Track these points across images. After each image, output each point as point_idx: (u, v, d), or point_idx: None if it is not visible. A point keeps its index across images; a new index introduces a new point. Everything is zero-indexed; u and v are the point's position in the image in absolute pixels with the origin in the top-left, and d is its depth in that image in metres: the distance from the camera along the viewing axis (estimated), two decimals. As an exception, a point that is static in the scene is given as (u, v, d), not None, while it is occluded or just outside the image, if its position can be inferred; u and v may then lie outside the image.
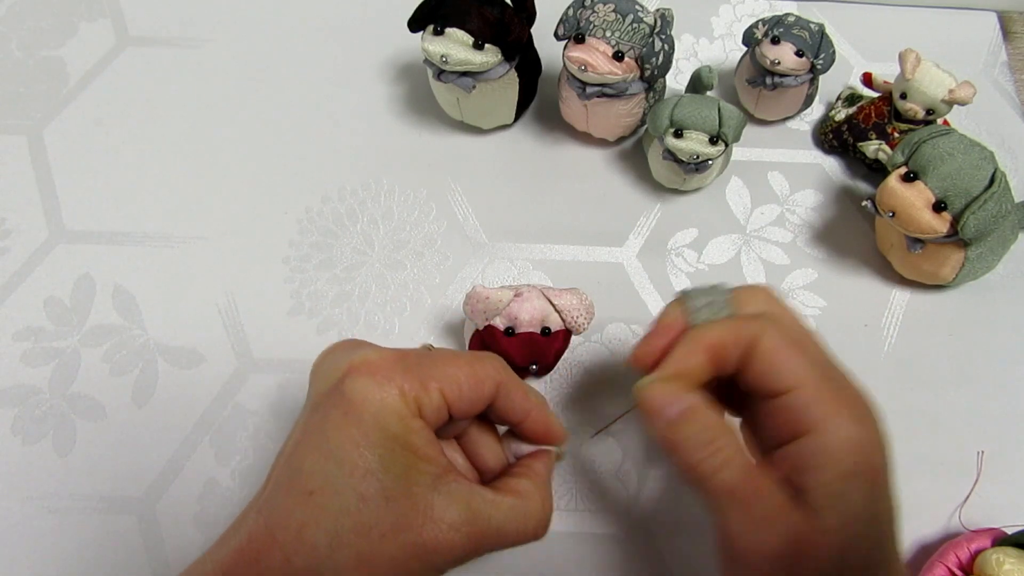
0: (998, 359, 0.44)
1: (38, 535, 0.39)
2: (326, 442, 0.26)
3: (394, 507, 0.25)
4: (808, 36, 0.45)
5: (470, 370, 0.28)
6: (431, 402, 0.27)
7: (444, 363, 0.28)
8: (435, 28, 0.43)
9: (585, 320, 0.39)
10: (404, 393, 0.26)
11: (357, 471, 0.25)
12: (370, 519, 0.25)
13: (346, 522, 0.25)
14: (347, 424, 0.26)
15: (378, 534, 0.25)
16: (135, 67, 0.54)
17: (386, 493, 0.25)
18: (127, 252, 0.47)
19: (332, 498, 0.25)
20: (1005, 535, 0.37)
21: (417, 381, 0.27)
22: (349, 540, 0.25)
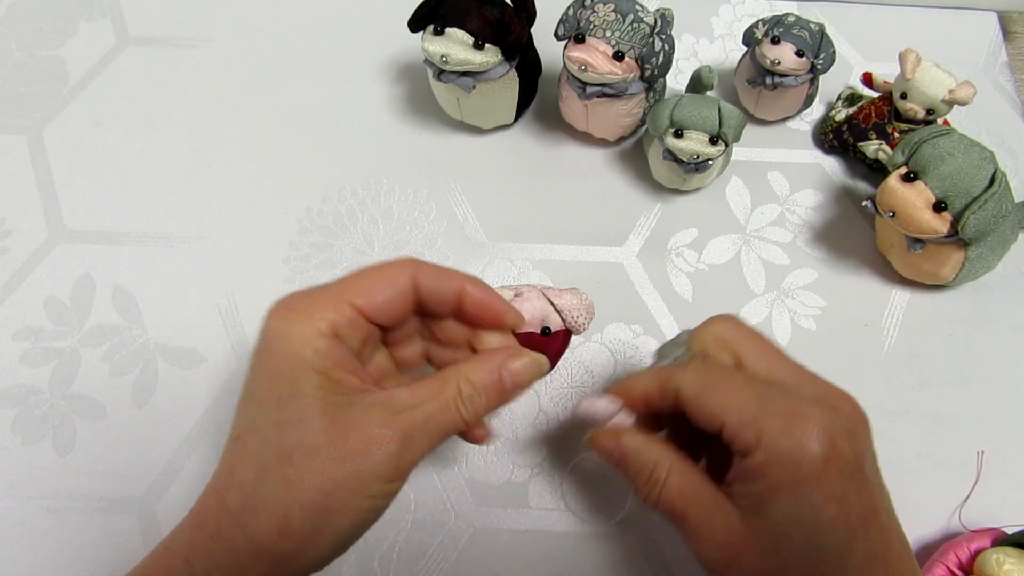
0: (998, 359, 0.44)
1: (38, 535, 0.39)
2: (248, 388, 0.27)
3: (311, 426, 0.26)
4: (808, 36, 0.45)
5: (378, 274, 0.29)
6: (343, 317, 0.28)
7: (353, 278, 0.29)
8: (435, 28, 0.43)
9: (585, 320, 0.39)
10: (312, 318, 0.27)
11: (272, 402, 0.26)
12: (290, 444, 0.26)
13: (268, 452, 0.26)
14: (264, 363, 0.27)
15: (300, 455, 0.26)
16: (135, 67, 0.54)
17: (302, 416, 0.26)
18: (127, 252, 0.47)
19: (254, 435, 0.27)
20: (1005, 535, 0.37)
21: (326, 303, 0.28)
22: (272, 467, 0.26)
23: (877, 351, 0.44)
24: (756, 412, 0.28)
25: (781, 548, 0.27)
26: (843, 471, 0.27)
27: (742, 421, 0.28)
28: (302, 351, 0.27)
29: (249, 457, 0.26)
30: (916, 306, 0.45)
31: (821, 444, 0.27)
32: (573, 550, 0.39)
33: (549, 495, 0.40)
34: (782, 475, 0.27)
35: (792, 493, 0.27)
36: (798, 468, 0.27)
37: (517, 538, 0.39)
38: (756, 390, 0.29)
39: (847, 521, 0.27)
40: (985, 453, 0.41)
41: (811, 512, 0.27)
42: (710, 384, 0.29)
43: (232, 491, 0.26)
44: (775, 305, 0.45)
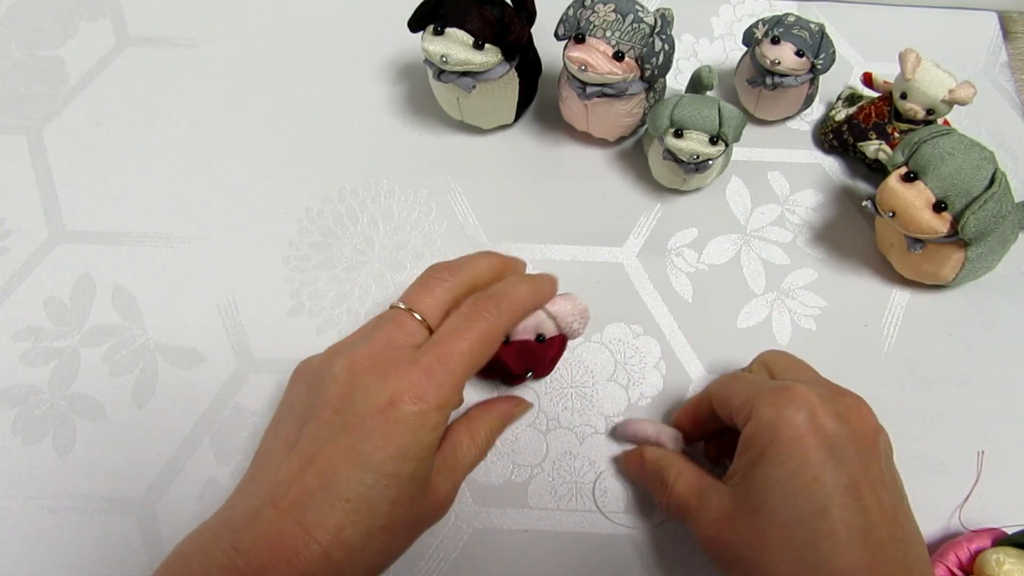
0: (998, 359, 0.44)
1: (38, 535, 0.39)
2: (366, 458, 0.29)
3: (416, 505, 0.31)
4: (808, 36, 0.45)
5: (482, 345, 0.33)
6: (459, 397, 0.33)
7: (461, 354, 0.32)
8: (435, 28, 0.43)
9: (580, 325, 0.39)
10: (441, 408, 0.31)
11: (392, 482, 0.30)
12: (397, 519, 0.30)
13: (377, 523, 0.29)
14: (390, 443, 0.30)
15: (402, 526, 0.31)
16: (135, 67, 0.54)
17: (411, 496, 0.31)
18: (127, 252, 0.47)
19: (366, 504, 0.29)
20: (1005, 535, 0.37)
21: (450, 391, 0.31)
22: (379, 535, 0.30)
23: (877, 351, 0.44)
24: (753, 393, 0.32)
25: (760, 512, 0.29)
26: (823, 443, 0.29)
27: (742, 401, 0.32)
28: (430, 441, 0.31)
29: (360, 524, 0.29)
30: (916, 306, 0.45)
31: (802, 414, 0.30)
32: (573, 550, 0.39)
33: (549, 495, 0.40)
34: (765, 439, 0.30)
35: (772, 457, 0.29)
36: (779, 433, 0.29)
37: (517, 538, 0.39)
38: (760, 380, 0.34)
39: (821, 489, 0.28)
40: (985, 453, 0.41)
41: (786, 475, 0.29)
42: (728, 383, 0.34)
43: (338, 549, 0.29)
44: (775, 305, 0.45)
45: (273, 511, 0.29)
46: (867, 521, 0.28)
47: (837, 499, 0.28)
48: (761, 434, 0.30)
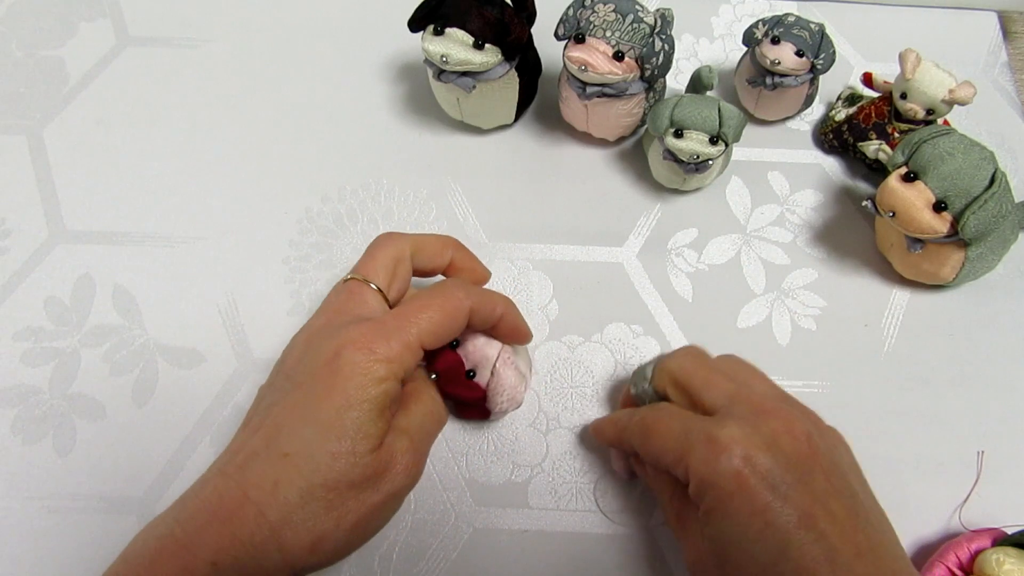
0: (998, 359, 0.44)
1: (38, 535, 0.39)
2: (309, 410, 0.29)
3: (361, 460, 0.29)
4: (808, 36, 0.45)
5: (444, 310, 0.32)
6: (413, 357, 0.31)
7: (422, 311, 0.32)
8: (435, 28, 0.43)
9: (506, 401, 0.37)
10: (391, 364, 0.30)
11: (332, 433, 0.28)
12: (339, 474, 0.28)
13: (317, 478, 0.28)
14: (333, 394, 0.29)
15: (346, 484, 0.29)
16: (135, 67, 0.54)
17: (355, 450, 0.29)
18: (127, 252, 0.47)
19: (306, 459, 0.28)
20: (1005, 535, 0.37)
21: (400, 345, 0.30)
22: (319, 493, 0.28)
23: (877, 351, 0.44)
24: (682, 448, 0.31)
25: (726, 562, 0.29)
26: (764, 484, 0.28)
27: (674, 459, 0.31)
28: (376, 393, 0.29)
29: (298, 478, 0.28)
30: (916, 306, 0.45)
31: (734, 462, 0.29)
32: (573, 550, 0.39)
33: (549, 495, 0.40)
34: (711, 498, 0.29)
35: (721, 512, 0.29)
36: (720, 489, 0.29)
37: (517, 538, 0.39)
38: (682, 426, 0.32)
39: (775, 533, 0.28)
40: (985, 453, 0.41)
41: (739, 528, 0.28)
42: (647, 433, 0.33)
43: (274, 507, 0.28)
44: (775, 305, 0.45)
45: (218, 478, 0.29)
46: (828, 546, 0.27)
47: (793, 537, 0.27)
48: (706, 492, 0.29)
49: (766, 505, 0.28)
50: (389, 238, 0.36)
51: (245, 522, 0.27)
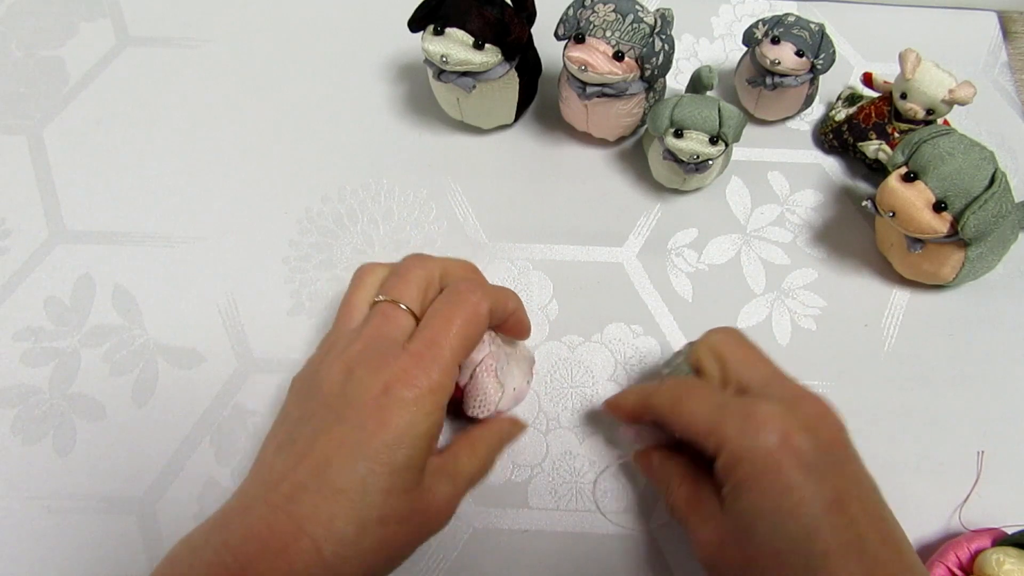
0: (998, 359, 0.44)
1: (38, 535, 0.39)
2: (361, 447, 0.29)
3: (410, 497, 0.30)
4: (808, 36, 0.45)
5: (469, 327, 0.33)
6: (452, 380, 0.32)
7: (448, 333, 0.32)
8: (435, 28, 0.43)
9: (477, 409, 0.36)
10: (434, 392, 0.30)
11: (385, 469, 0.29)
12: (391, 510, 0.29)
13: (371, 514, 0.29)
14: (384, 431, 0.29)
15: (395, 522, 0.29)
16: (135, 67, 0.54)
17: (406, 487, 0.30)
18: (127, 252, 0.47)
19: (360, 495, 0.29)
20: (1005, 535, 0.37)
21: (440, 373, 0.31)
22: (373, 529, 0.29)
23: (877, 351, 0.44)
24: (716, 419, 0.31)
25: (751, 539, 0.29)
26: (799, 463, 0.29)
27: (706, 430, 0.31)
28: (426, 428, 0.30)
29: (353, 514, 0.28)
30: (916, 306, 0.45)
31: (774, 438, 0.29)
32: (573, 550, 0.39)
33: (549, 495, 0.40)
34: (743, 472, 0.29)
35: (753, 487, 0.29)
36: (754, 463, 0.29)
37: (517, 538, 0.39)
38: (717, 399, 0.32)
39: (808, 510, 0.28)
40: (985, 453, 0.41)
41: (771, 503, 0.28)
42: (678, 400, 0.33)
43: (331, 543, 0.28)
44: (775, 305, 0.45)
45: (264, 507, 0.29)
46: (857, 533, 0.28)
47: (824, 518, 0.28)
48: (737, 466, 0.29)
49: (801, 484, 0.28)
50: (420, 260, 0.36)
51: (301, 556, 0.27)
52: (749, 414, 0.30)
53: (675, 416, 0.32)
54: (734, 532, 0.30)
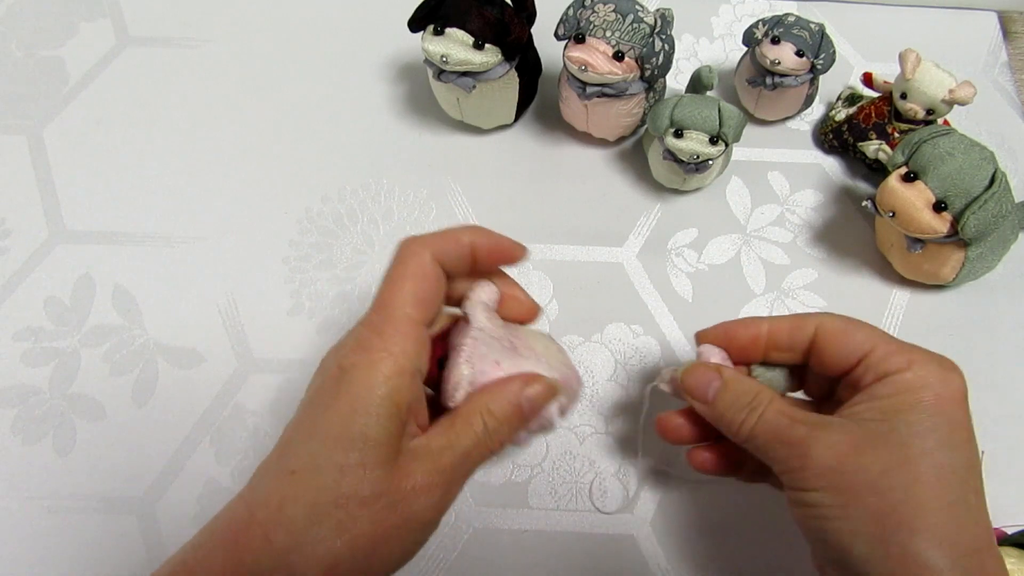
0: (998, 359, 0.44)
1: (38, 535, 0.39)
2: (315, 423, 0.27)
3: (371, 474, 0.26)
4: (808, 36, 0.45)
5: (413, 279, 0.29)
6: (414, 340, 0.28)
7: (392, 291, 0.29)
8: (435, 28, 0.43)
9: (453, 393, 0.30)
10: (393, 354, 0.27)
11: (338, 444, 0.26)
12: (349, 489, 0.26)
13: (325, 495, 0.26)
14: (338, 402, 0.27)
15: (356, 502, 0.26)
16: (135, 67, 0.54)
17: (365, 462, 0.26)
18: (127, 252, 0.47)
19: (312, 474, 0.26)
20: (1005, 535, 0.37)
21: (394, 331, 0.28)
22: (328, 511, 0.25)
23: (877, 351, 0.44)
24: (904, 344, 0.30)
25: (912, 446, 0.28)
26: (969, 412, 0.29)
27: (892, 349, 0.30)
28: (384, 392, 0.27)
29: (304, 496, 0.26)
30: (916, 306, 0.45)
31: (963, 383, 0.29)
32: (573, 550, 0.39)
33: (549, 495, 0.40)
34: (928, 393, 0.28)
35: (935, 408, 0.28)
36: (943, 391, 0.28)
37: (517, 538, 0.39)
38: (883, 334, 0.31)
39: (973, 450, 0.28)
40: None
41: (948, 428, 0.28)
42: (852, 322, 0.32)
43: (280, 529, 0.25)
44: (775, 305, 0.45)
45: (234, 499, 0.28)
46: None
47: (980, 465, 0.29)
48: (924, 388, 0.29)
49: (971, 428, 0.29)
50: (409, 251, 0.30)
51: (251, 546, 0.25)
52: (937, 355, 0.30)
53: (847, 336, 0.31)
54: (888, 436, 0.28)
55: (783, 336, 0.33)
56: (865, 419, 0.29)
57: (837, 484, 0.28)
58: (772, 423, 0.30)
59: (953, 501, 0.27)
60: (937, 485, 0.27)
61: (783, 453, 0.30)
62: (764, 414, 0.31)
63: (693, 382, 0.33)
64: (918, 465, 0.27)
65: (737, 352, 0.34)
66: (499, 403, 0.29)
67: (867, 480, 0.27)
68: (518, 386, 0.30)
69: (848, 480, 0.28)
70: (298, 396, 0.42)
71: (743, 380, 0.32)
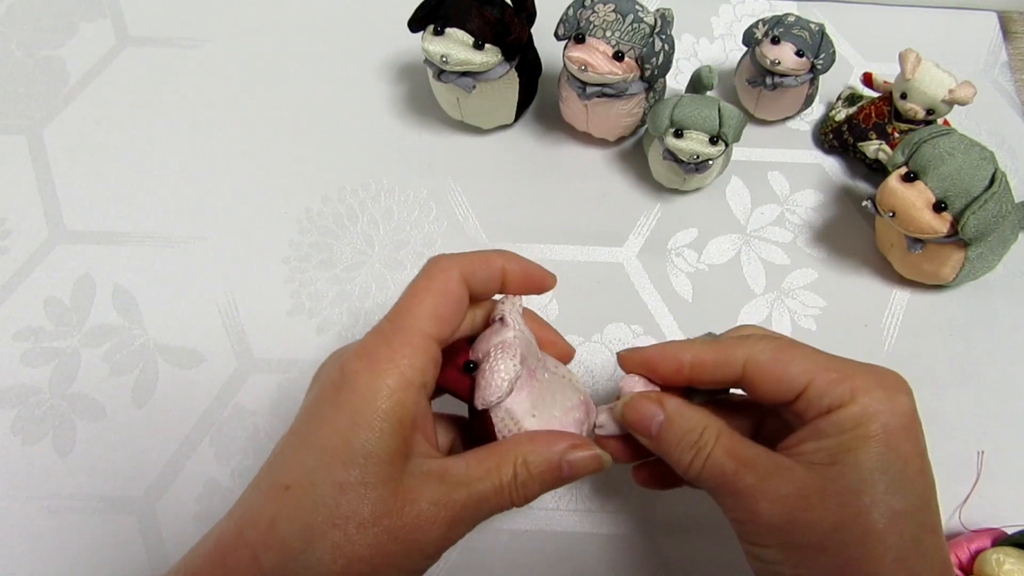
0: (998, 359, 0.44)
1: (38, 535, 0.39)
2: (311, 435, 0.25)
3: (372, 493, 0.24)
4: (808, 36, 0.45)
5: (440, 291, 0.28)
6: (424, 354, 0.27)
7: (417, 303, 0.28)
8: (435, 28, 0.43)
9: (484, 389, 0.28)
10: (399, 366, 0.26)
11: (337, 460, 0.24)
12: (348, 509, 0.24)
13: (321, 514, 0.24)
14: (337, 414, 0.25)
15: (355, 524, 0.24)
16: (135, 67, 0.54)
17: (365, 480, 0.24)
18: (127, 252, 0.47)
19: (308, 491, 0.24)
20: (1005, 535, 0.37)
21: (403, 344, 0.26)
22: (324, 532, 0.24)
23: (877, 351, 0.44)
24: (845, 371, 0.28)
25: (863, 495, 0.26)
26: (921, 433, 0.27)
27: (833, 379, 0.27)
28: (387, 406, 0.25)
29: (298, 515, 0.24)
30: (916, 306, 0.45)
31: (910, 400, 0.27)
32: (573, 550, 0.39)
33: (549, 495, 0.40)
34: (875, 426, 0.26)
35: (883, 443, 0.26)
36: (890, 420, 0.27)
37: (517, 538, 0.39)
38: (823, 357, 0.29)
39: (926, 482, 0.27)
40: (985, 453, 0.41)
41: (899, 463, 0.26)
42: (785, 351, 0.29)
43: (272, 551, 0.24)
44: (775, 305, 0.45)
45: (225, 517, 0.26)
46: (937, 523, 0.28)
47: (935, 493, 0.27)
48: (871, 419, 0.27)
49: (924, 453, 0.27)
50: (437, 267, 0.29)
51: (238, 569, 0.24)
52: (884, 371, 0.28)
53: (781, 366, 0.28)
54: (838, 483, 0.26)
55: (706, 372, 0.30)
56: (813, 462, 0.27)
57: (788, 542, 0.27)
58: (718, 467, 0.28)
59: (908, 552, 0.26)
60: (891, 534, 0.26)
61: (731, 503, 0.28)
62: (711, 454, 0.28)
63: (634, 416, 0.30)
64: (870, 516, 0.26)
65: (660, 382, 0.31)
66: (539, 457, 0.27)
67: (818, 538, 0.26)
68: (564, 447, 0.28)
69: (799, 539, 0.26)
70: (298, 396, 0.43)
71: (687, 414, 0.29)
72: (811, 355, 0.29)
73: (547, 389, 0.30)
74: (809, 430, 0.28)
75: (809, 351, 0.29)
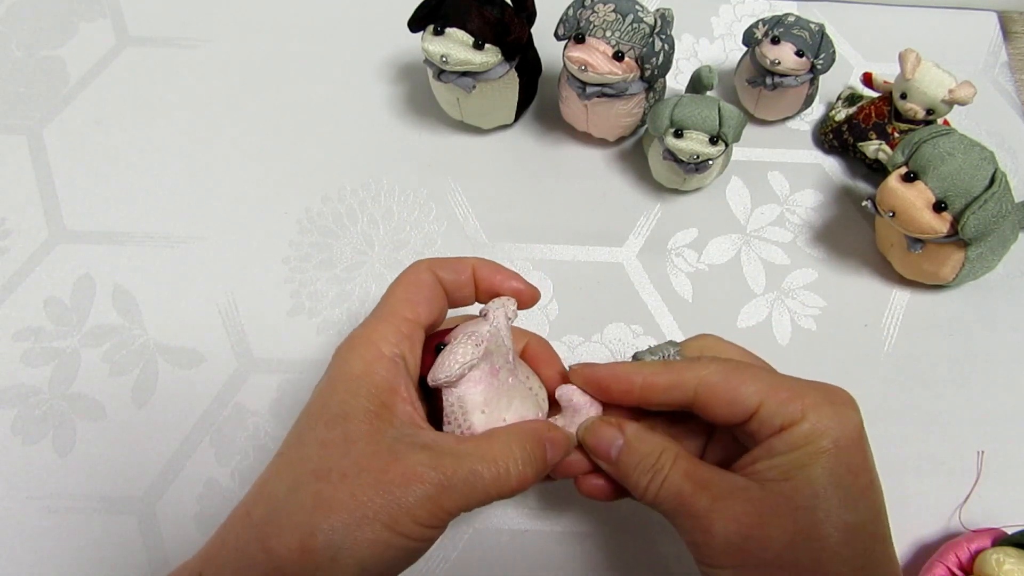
0: (998, 359, 0.44)
1: (38, 535, 0.39)
2: (304, 411, 0.28)
3: (354, 448, 0.26)
4: (808, 36, 0.45)
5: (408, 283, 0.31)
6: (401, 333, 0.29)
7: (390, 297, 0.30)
8: (435, 28, 0.43)
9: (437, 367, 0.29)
10: (372, 340, 0.28)
11: (320, 421, 0.27)
12: (329, 462, 0.25)
13: (305, 468, 0.26)
14: (321, 386, 0.28)
15: (338, 475, 0.25)
16: (135, 67, 0.54)
17: (347, 437, 0.26)
18: (127, 252, 0.47)
19: (295, 451, 0.27)
20: (1005, 535, 0.37)
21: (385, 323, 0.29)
22: (307, 482, 0.25)
23: (877, 351, 0.44)
24: (795, 390, 0.28)
25: (815, 511, 0.27)
26: (869, 447, 0.28)
27: (784, 398, 0.28)
28: (360, 368, 0.27)
29: (284, 470, 0.26)
30: (916, 306, 0.45)
31: (858, 415, 0.28)
32: (573, 550, 0.39)
33: (549, 495, 0.40)
34: (826, 441, 0.27)
35: (833, 458, 0.27)
36: (840, 436, 0.27)
37: (517, 538, 0.39)
38: (772, 377, 0.29)
39: (876, 494, 0.28)
40: (985, 453, 0.41)
41: (850, 477, 0.27)
42: (736, 373, 0.29)
43: (259, 503, 0.26)
44: (775, 305, 0.45)
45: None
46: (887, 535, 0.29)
47: (884, 505, 0.28)
48: (821, 436, 0.27)
49: (872, 467, 0.28)
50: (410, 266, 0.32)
51: (233, 525, 0.26)
52: (832, 391, 0.29)
53: (732, 387, 0.29)
54: (790, 501, 0.27)
55: (657, 395, 0.30)
56: (767, 479, 0.28)
57: (743, 562, 0.27)
58: (675, 489, 0.29)
59: (861, 563, 0.27)
60: (845, 547, 0.27)
61: (688, 524, 0.28)
62: (668, 477, 0.29)
63: (594, 441, 0.31)
64: (823, 530, 0.27)
65: (607, 401, 0.32)
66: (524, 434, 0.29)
67: (773, 555, 0.27)
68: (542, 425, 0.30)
69: (754, 557, 0.27)
70: (298, 396, 0.43)
71: (646, 438, 0.30)
72: (762, 376, 0.29)
73: (505, 392, 0.30)
74: (763, 449, 0.28)
75: (759, 371, 0.30)
